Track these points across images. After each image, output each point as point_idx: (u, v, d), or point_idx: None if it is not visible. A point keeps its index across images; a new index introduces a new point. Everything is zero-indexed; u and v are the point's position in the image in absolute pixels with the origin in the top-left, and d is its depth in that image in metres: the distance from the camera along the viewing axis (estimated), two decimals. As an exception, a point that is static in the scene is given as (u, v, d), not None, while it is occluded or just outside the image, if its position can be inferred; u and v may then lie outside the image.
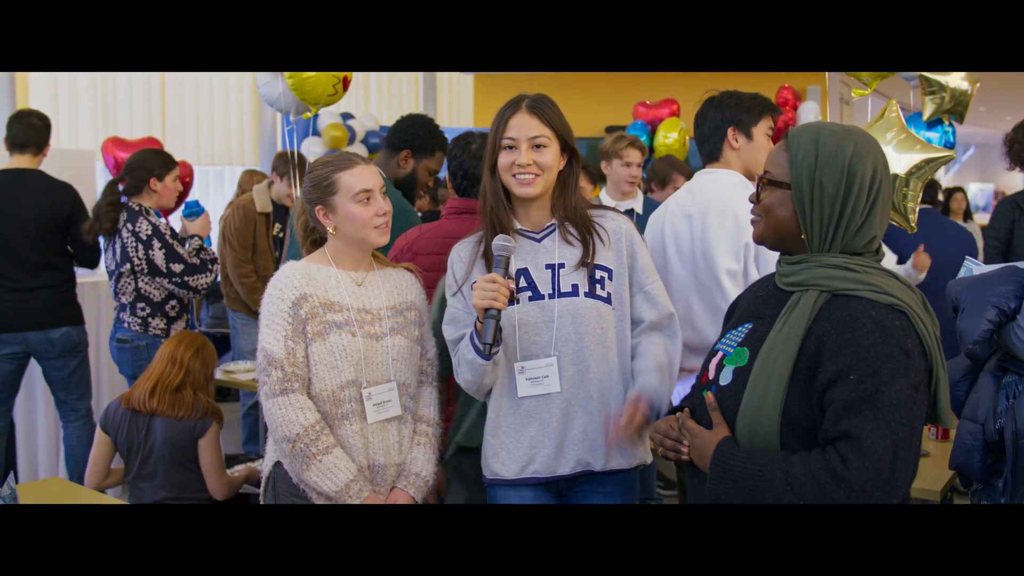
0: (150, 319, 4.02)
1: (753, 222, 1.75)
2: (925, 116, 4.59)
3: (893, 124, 2.70)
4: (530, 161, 2.15)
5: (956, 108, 4.57)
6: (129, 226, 3.96)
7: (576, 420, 2.17)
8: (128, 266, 3.99)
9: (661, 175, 5.08)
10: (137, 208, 4.00)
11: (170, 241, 3.97)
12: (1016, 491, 2.18)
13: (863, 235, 1.64)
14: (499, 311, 2.04)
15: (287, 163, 5.10)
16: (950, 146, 4.12)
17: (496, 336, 2.04)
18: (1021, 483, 2.17)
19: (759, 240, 1.75)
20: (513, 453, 2.19)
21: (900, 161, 2.63)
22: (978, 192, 17.42)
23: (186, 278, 3.99)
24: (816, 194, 1.61)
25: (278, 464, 2.27)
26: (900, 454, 1.49)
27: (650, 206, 4.45)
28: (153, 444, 3.27)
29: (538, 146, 2.16)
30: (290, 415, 2.17)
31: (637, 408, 2.09)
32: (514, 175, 2.16)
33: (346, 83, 4.21)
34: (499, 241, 2.09)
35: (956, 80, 4.47)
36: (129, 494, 3.40)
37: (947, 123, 4.80)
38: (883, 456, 1.48)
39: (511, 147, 2.15)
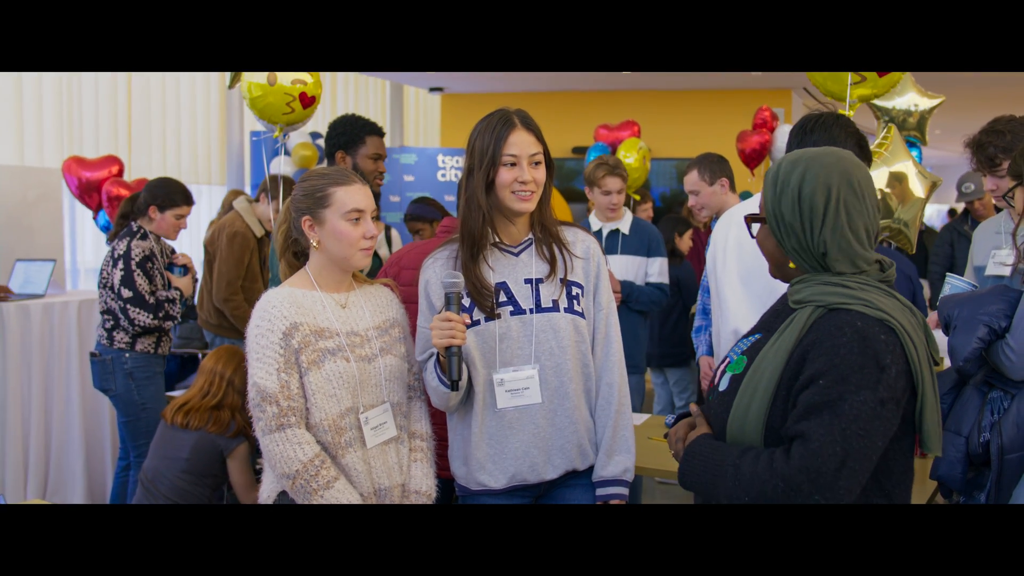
0: (114, 332, 3.97)
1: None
2: (878, 139, 4.71)
3: (901, 151, 2.74)
4: (531, 178, 2.20)
5: (915, 132, 4.70)
6: (116, 243, 3.96)
7: (562, 427, 2.23)
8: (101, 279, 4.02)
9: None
10: (136, 229, 3.99)
11: (133, 268, 3.87)
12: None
13: (832, 254, 1.65)
14: (459, 347, 2.09)
15: (277, 186, 4.84)
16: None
17: (461, 371, 2.11)
18: (1004, 497, 2.21)
19: (771, 274, 1.81)
20: (500, 464, 2.22)
21: (921, 184, 2.68)
22: (934, 213, 17.81)
23: (128, 306, 3.86)
24: (781, 225, 1.68)
25: (283, 494, 2.21)
26: (849, 463, 1.51)
27: (638, 226, 4.33)
28: (181, 450, 3.35)
29: (536, 163, 2.23)
30: (288, 452, 2.11)
31: None
32: (513, 191, 2.20)
33: (304, 101, 4.05)
34: (448, 279, 2.13)
35: (902, 103, 4.60)
36: (141, 488, 3.45)
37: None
38: (828, 461, 1.50)
39: (513, 164, 2.19)
